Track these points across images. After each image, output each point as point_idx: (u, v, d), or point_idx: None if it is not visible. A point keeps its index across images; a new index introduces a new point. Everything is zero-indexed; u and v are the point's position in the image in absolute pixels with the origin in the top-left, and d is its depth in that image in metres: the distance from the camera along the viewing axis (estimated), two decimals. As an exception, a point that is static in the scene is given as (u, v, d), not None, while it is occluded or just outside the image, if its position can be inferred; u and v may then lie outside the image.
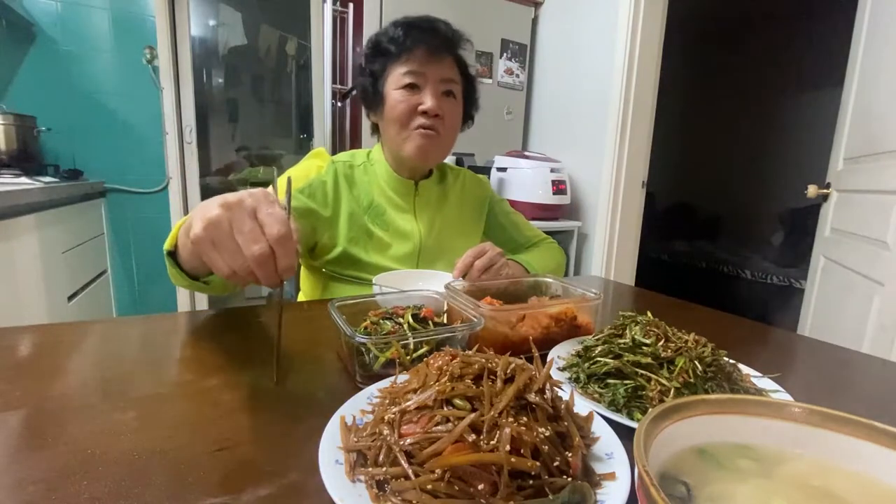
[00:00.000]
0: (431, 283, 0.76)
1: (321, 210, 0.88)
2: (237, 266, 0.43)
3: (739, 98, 3.87)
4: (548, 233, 1.18)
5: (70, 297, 1.74)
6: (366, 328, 0.54)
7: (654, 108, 2.02)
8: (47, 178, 1.78)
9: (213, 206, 0.43)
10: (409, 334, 0.50)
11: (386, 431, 0.32)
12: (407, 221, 0.95)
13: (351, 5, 2.02)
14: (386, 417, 0.33)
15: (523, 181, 2.07)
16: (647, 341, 0.49)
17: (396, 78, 0.87)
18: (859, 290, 1.31)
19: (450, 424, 0.31)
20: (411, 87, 0.87)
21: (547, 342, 0.58)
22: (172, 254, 0.63)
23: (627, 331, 0.52)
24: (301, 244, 0.87)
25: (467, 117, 1.00)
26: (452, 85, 0.90)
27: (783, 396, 0.48)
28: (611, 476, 0.32)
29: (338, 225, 0.90)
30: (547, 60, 2.41)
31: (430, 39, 0.86)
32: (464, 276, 0.77)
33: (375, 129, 1.00)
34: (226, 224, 0.43)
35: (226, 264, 0.43)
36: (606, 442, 0.37)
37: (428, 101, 0.86)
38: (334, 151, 2.17)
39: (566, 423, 0.34)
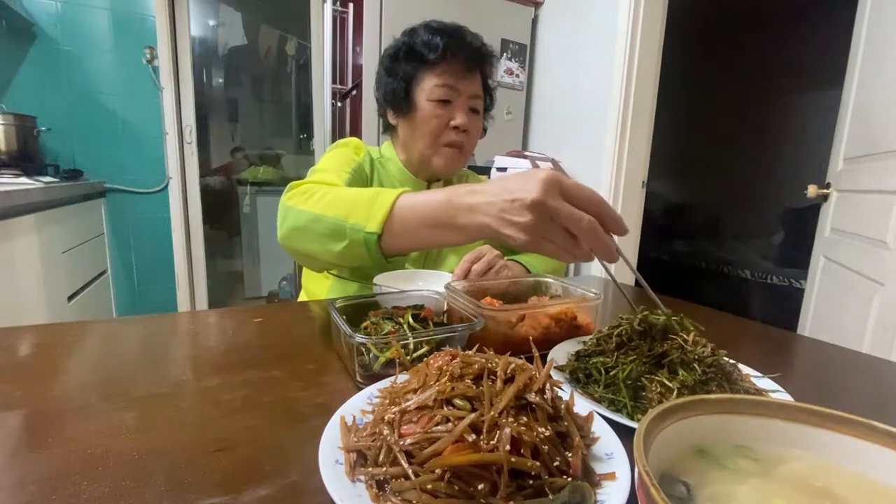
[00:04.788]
0: (431, 283, 0.76)
1: None
2: (570, 247, 0.49)
3: (739, 98, 3.87)
4: (548, 233, 1.18)
5: (70, 297, 1.74)
6: (366, 328, 0.54)
7: (654, 108, 2.02)
8: (47, 178, 1.78)
9: (524, 198, 0.47)
10: (409, 334, 0.50)
11: (386, 431, 0.32)
12: None
13: (351, 5, 2.02)
14: (386, 417, 0.33)
15: (523, 181, 2.07)
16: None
17: (430, 88, 0.88)
18: (859, 290, 1.31)
19: (450, 424, 0.31)
20: (443, 101, 0.89)
21: (547, 342, 0.58)
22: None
23: (624, 332, 0.52)
24: None
25: (483, 127, 1.02)
26: (478, 102, 0.93)
27: (783, 396, 0.48)
28: (611, 476, 0.32)
29: None
30: (547, 60, 2.41)
31: (467, 53, 0.88)
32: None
33: (389, 127, 1.00)
34: (546, 218, 0.47)
35: (563, 250, 0.49)
36: (606, 442, 0.37)
37: (459, 118, 0.90)
38: (334, 151, 2.16)
39: (566, 423, 0.34)
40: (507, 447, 0.29)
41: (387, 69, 0.94)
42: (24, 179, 1.65)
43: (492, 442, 0.29)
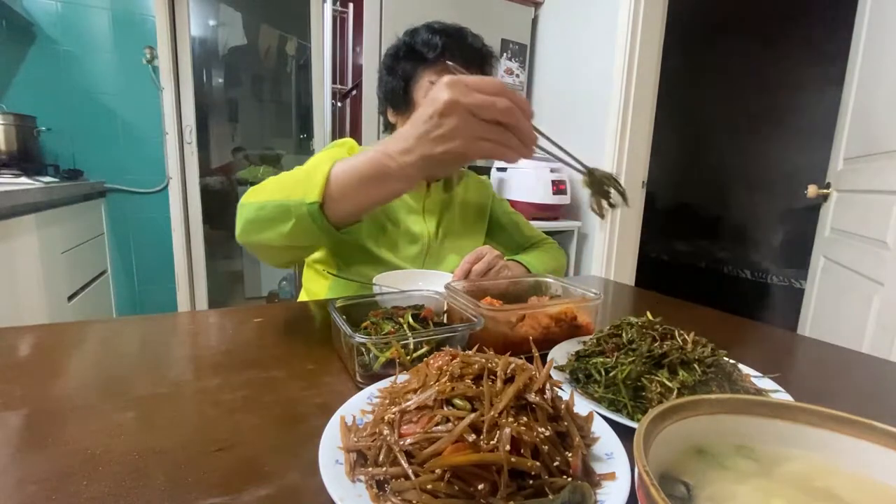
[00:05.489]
0: (431, 283, 0.76)
1: None
2: (502, 137, 0.50)
3: (739, 98, 3.87)
4: (548, 233, 1.18)
5: (70, 297, 1.74)
6: (366, 328, 0.54)
7: (654, 108, 2.02)
8: (47, 178, 1.78)
9: (437, 107, 0.49)
10: (409, 334, 0.50)
11: (386, 431, 0.32)
12: (416, 222, 0.95)
13: (351, 5, 2.02)
14: (386, 417, 0.33)
15: (523, 181, 2.07)
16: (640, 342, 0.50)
17: (428, 87, 0.88)
18: (859, 290, 1.31)
19: (450, 424, 0.31)
20: None
21: (547, 342, 0.58)
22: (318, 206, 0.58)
23: (624, 333, 0.52)
24: None
25: None
26: None
27: (783, 396, 0.48)
28: (611, 476, 0.32)
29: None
30: (547, 60, 2.41)
31: (467, 54, 0.88)
32: (463, 279, 0.77)
33: (389, 126, 1.00)
34: (467, 116, 0.48)
35: (499, 144, 0.50)
36: (606, 442, 0.37)
37: None
38: (334, 151, 2.16)
39: (566, 423, 0.34)
40: (507, 447, 0.29)
41: (387, 68, 0.94)
42: (24, 179, 1.65)
43: (492, 442, 0.29)
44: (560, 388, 0.38)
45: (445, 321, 0.61)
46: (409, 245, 0.94)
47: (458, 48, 0.88)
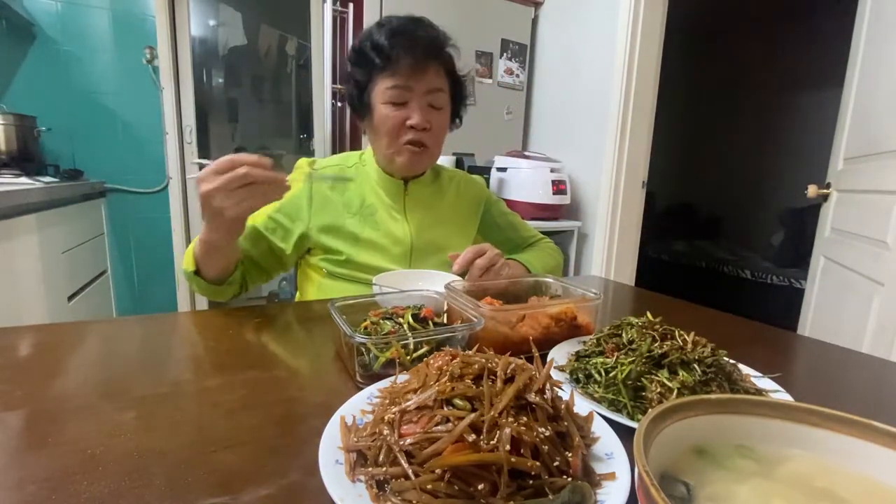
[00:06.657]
0: (431, 283, 0.76)
1: (293, 226, 0.89)
2: (242, 196, 0.64)
3: (739, 98, 3.87)
4: (547, 233, 1.18)
5: (70, 297, 1.74)
6: (366, 328, 0.54)
7: (654, 108, 2.02)
8: (47, 178, 1.78)
9: (201, 201, 0.64)
10: (409, 334, 0.50)
11: (386, 431, 0.32)
12: (397, 222, 0.94)
13: (351, 5, 2.02)
14: (386, 417, 0.33)
15: (523, 181, 2.07)
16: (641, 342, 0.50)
17: (382, 91, 0.86)
18: (859, 290, 1.31)
19: (450, 424, 0.31)
20: (398, 102, 0.86)
21: (547, 342, 0.58)
22: (196, 272, 0.76)
23: (624, 333, 0.52)
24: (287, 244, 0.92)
25: (455, 116, 0.98)
26: (439, 95, 0.89)
27: (783, 396, 0.48)
28: (611, 476, 0.32)
29: (314, 235, 0.90)
30: (547, 60, 2.41)
31: (414, 50, 0.84)
32: (463, 276, 0.77)
33: (365, 130, 1.00)
34: (214, 192, 0.63)
35: (237, 201, 0.64)
36: (606, 442, 0.37)
37: (415, 117, 0.86)
38: (334, 151, 2.16)
39: (566, 423, 0.34)
40: (507, 447, 0.29)
41: (347, 76, 0.94)
42: (24, 179, 1.65)
43: (492, 442, 0.29)
44: (560, 388, 0.38)
45: (445, 321, 0.61)
46: (392, 246, 0.92)
47: (408, 45, 0.84)
